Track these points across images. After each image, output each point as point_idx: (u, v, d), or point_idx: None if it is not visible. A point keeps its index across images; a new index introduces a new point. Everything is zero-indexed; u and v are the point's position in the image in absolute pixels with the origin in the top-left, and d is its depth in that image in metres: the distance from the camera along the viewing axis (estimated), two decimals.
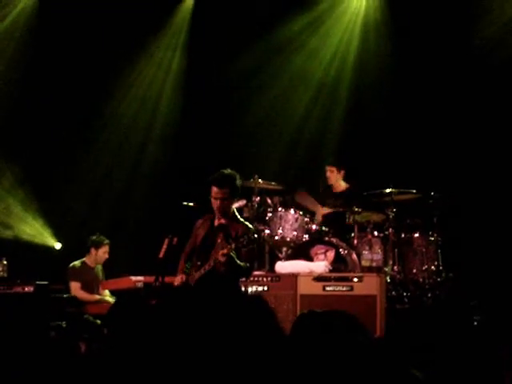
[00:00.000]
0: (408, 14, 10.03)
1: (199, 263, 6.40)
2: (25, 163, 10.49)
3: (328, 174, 9.36)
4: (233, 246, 6.08)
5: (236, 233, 6.33)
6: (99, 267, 9.37)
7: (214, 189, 6.35)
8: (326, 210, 9.15)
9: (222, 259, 6.06)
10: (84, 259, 9.25)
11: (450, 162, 9.61)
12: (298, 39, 10.78)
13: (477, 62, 9.61)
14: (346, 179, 9.39)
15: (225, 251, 6.06)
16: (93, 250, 9.23)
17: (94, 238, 9.26)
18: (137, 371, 2.79)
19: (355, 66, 10.68)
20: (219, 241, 6.33)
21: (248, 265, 6.24)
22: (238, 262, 6.13)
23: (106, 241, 9.28)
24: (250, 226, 6.54)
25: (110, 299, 9.05)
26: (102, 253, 9.25)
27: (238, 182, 6.46)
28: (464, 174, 9.50)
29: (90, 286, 9.12)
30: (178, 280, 6.40)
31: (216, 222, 6.51)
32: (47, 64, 10.54)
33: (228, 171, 6.44)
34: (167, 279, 6.59)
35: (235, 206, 8.82)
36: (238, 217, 6.56)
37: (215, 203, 6.35)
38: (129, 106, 11.25)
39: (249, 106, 10.81)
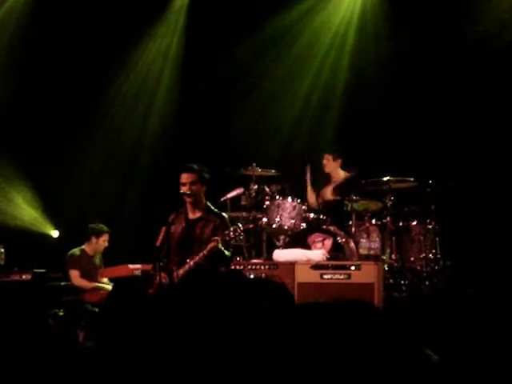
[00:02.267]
0: (406, 3, 10.03)
1: (177, 258, 6.44)
2: (22, 151, 10.46)
3: (324, 161, 9.42)
4: (219, 239, 6.16)
5: (215, 224, 6.41)
6: (98, 255, 9.36)
7: (183, 175, 6.49)
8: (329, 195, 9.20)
9: (210, 253, 6.13)
10: (83, 247, 9.25)
11: (448, 150, 9.61)
12: (296, 27, 10.75)
13: (475, 51, 9.61)
14: (345, 168, 9.40)
15: (214, 244, 6.13)
16: (93, 238, 9.22)
17: (95, 226, 9.26)
18: (134, 360, 2.78)
19: (353, 54, 10.66)
20: (199, 234, 6.40)
21: (230, 254, 6.37)
22: (226, 252, 6.22)
23: (106, 229, 9.28)
24: (225, 215, 6.65)
25: (109, 287, 9.05)
26: (102, 241, 9.25)
27: (206, 173, 6.60)
28: (462, 161, 9.50)
29: (89, 274, 9.12)
30: (164, 279, 6.40)
31: (190, 216, 6.57)
32: (43, 54, 10.49)
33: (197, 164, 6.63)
34: (145, 268, 6.66)
35: (233, 194, 8.93)
36: (212, 208, 6.65)
37: (184, 188, 6.45)
38: (126, 96, 11.23)
39: (247, 95, 10.79)
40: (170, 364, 2.65)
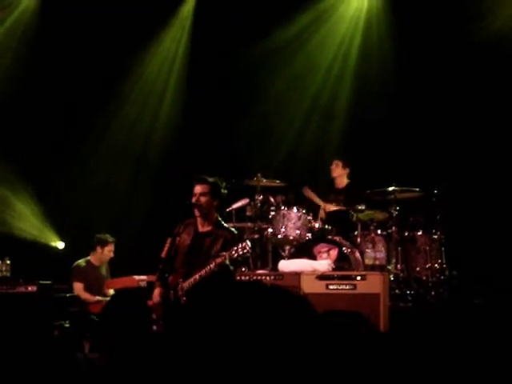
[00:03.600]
0: (411, 9, 10.04)
1: (183, 270, 6.41)
2: (27, 161, 10.49)
3: (333, 166, 9.46)
4: (227, 255, 6.15)
5: (224, 240, 6.39)
6: (105, 266, 9.37)
7: (195, 187, 6.47)
8: (329, 207, 9.18)
9: (217, 267, 6.13)
10: (89, 258, 9.26)
11: (453, 160, 9.60)
12: (302, 35, 10.77)
13: (480, 58, 9.60)
14: (350, 178, 9.44)
15: (220, 260, 6.13)
16: (98, 248, 9.23)
17: (100, 236, 9.28)
18: (136, 369, 2.78)
19: (358, 64, 10.68)
20: (208, 248, 6.38)
21: (234, 268, 6.36)
22: (231, 267, 6.22)
23: (112, 239, 9.29)
24: (235, 231, 6.62)
25: None
26: (108, 251, 9.26)
27: (223, 190, 6.55)
28: (467, 171, 9.49)
29: (95, 285, 9.11)
30: (155, 296, 6.39)
31: (200, 229, 6.54)
32: (51, 59, 10.53)
33: (214, 177, 6.56)
34: (151, 279, 6.63)
35: (238, 204, 8.93)
36: (223, 223, 6.62)
37: (193, 199, 6.43)
38: (132, 105, 11.25)
39: (252, 104, 10.80)
40: (182, 373, 2.65)
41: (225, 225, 6.67)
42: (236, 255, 6.18)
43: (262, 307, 2.62)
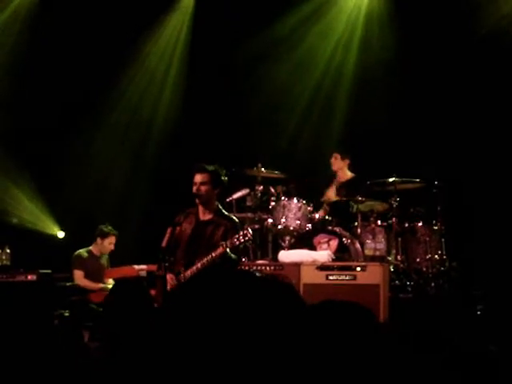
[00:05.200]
0: (412, 4, 10.02)
1: (185, 259, 6.43)
2: (28, 150, 10.48)
3: (332, 160, 9.48)
4: (229, 243, 6.15)
5: (225, 228, 6.40)
6: (105, 256, 9.38)
7: (196, 175, 6.47)
8: (333, 195, 9.22)
9: (218, 256, 6.13)
10: (90, 248, 9.29)
11: (454, 151, 9.59)
12: (302, 27, 10.74)
13: (480, 51, 9.59)
14: (352, 169, 9.43)
15: (222, 249, 6.13)
16: (98, 240, 9.25)
17: (102, 227, 9.28)
18: (139, 362, 2.78)
19: (359, 56, 10.66)
20: (210, 237, 6.39)
21: (237, 257, 6.36)
22: (233, 256, 6.22)
23: (114, 231, 9.29)
24: (236, 220, 6.63)
25: None
26: (108, 243, 9.26)
27: (224, 177, 6.53)
28: (467, 162, 9.49)
29: (95, 274, 9.14)
30: (169, 281, 6.41)
31: (201, 217, 6.55)
32: (51, 48, 10.50)
33: (214, 164, 6.53)
34: (151, 268, 6.62)
35: (238, 195, 8.93)
36: (223, 211, 6.62)
37: (194, 188, 6.44)
38: (133, 95, 11.24)
39: (252, 95, 10.79)
40: (176, 365, 2.65)
41: (226, 213, 6.68)
42: (238, 243, 6.20)
43: (250, 297, 2.63)
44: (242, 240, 6.19)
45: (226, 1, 10.61)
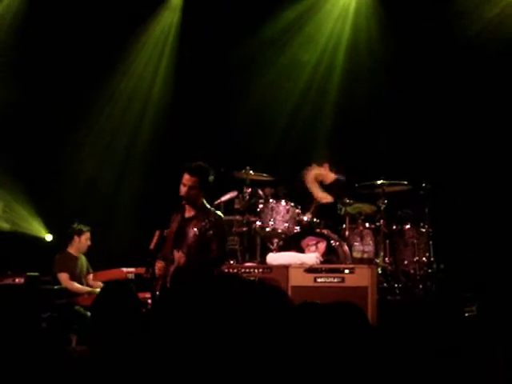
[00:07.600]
0: (400, 3, 10.06)
1: (171, 257, 6.47)
2: (15, 152, 10.43)
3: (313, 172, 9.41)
4: (197, 230, 6.27)
5: (208, 220, 6.46)
6: (83, 257, 9.34)
7: (185, 175, 6.48)
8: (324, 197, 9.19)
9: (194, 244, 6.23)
10: (67, 250, 9.24)
11: (441, 153, 9.62)
12: (289, 30, 10.74)
13: (467, 55, 9.63)
14: (334, 170, 9.37)
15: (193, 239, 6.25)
16: (76, 238, 9.25)
17: (75, 225, 9.28)
18: (128, 364, 2.78)
19: (347, 57, 10.67)
20: (190, 232, 6.45)
21: (219, 254, 6.38)
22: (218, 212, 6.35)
23: (87, 227, 9.32)
24: (220, 213, 6.68)
25: None
26: (85, 239, 9.28)
27: (211, 177, 6.57)
28: (455, 165, 9.52)
29: (77, 276, 9.11)
30: (159, 267, 6.46)
31: (186, 215, 6.60)
32: (39, 46, 10.43)
33: (204, 164, 6.56)
34: (139, 271, 6.65)
35: (227, 197, 8.93)
36: (208, 206, 6.66)
37: (182, 190, 6.47)
38: (122, 94, 11.21)
39: (240, 97, 10.78)
40: (164, 367, 2.65)
41: (209, 207, 6.71)
42: (203, 231, 6.32)
43: (238, 299, 2.63)
44: (207, 226, 6.34)
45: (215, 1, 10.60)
